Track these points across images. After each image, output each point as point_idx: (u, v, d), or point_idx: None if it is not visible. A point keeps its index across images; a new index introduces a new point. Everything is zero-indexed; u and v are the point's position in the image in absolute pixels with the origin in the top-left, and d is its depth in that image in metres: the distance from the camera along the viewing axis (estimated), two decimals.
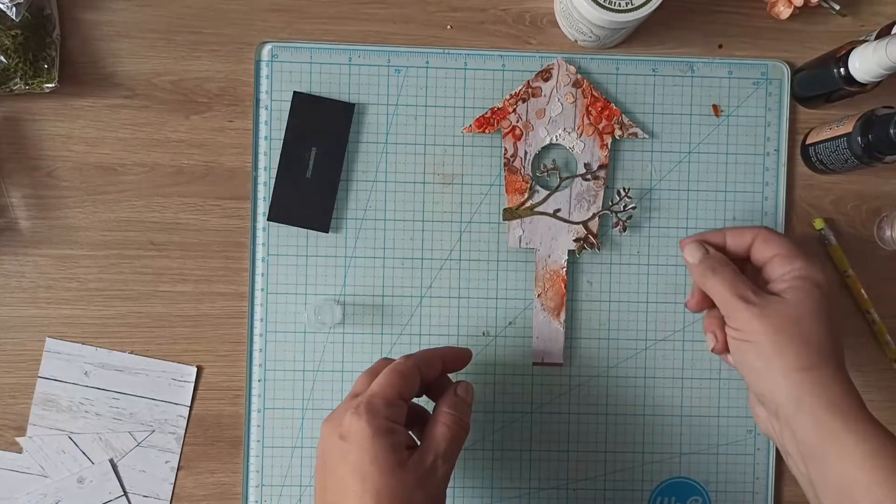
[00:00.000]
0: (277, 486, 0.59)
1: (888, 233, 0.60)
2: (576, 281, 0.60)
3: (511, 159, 0.59)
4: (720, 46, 0.61)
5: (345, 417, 0.44)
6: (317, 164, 0.58)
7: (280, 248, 0.59)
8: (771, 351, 0.45)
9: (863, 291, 0.60)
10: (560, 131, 0.59)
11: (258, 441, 0.59)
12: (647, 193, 0.60)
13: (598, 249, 0.56)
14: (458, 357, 0.52)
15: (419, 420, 0.50)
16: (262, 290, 0.59)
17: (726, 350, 0.50)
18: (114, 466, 0.58)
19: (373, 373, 0.48)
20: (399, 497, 0.43)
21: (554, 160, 0.58)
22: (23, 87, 0.55)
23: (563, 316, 0.59)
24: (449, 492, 0.59)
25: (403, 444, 0.45)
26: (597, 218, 0.59)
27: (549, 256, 0.59)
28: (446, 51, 0.59)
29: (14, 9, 0.52)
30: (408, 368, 0.47)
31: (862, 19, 0.61)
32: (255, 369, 0.59)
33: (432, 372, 0.49)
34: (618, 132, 0.59)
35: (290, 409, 0.59)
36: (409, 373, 0.47)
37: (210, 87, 0.58)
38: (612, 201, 0.58)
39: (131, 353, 0.58)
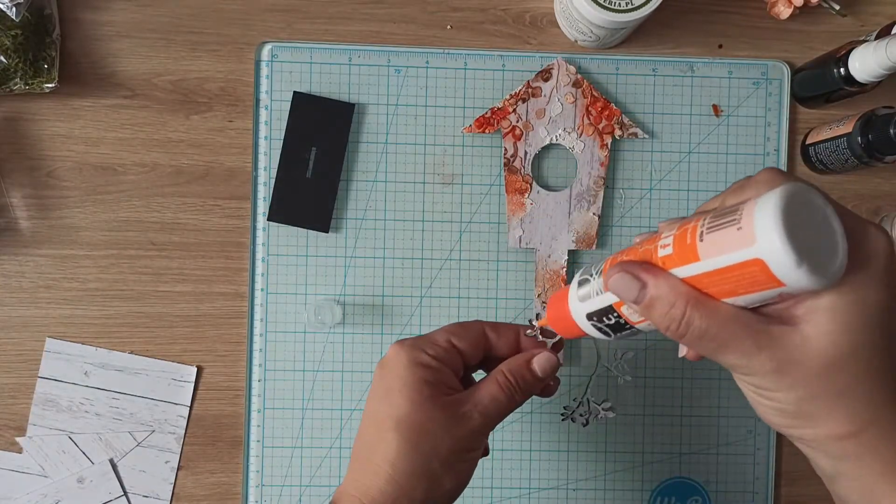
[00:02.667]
0: (277, 486, 0.59)
1: (889, 233, 0.60)
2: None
3: (511, 159, 0.59)
4: (720, 46, 0.61)
5: (389, 350, 0.42)
6: (317, 164, 0.58)
7: (280, 248, 0.59)
8: (797, 417, 0.32)
9: None
10: (560, 131, 0.59)
11: (258, 441, 0.59)
12: (647, 193, 0.60)
13: (586, 424, 0.49)
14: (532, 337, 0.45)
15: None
16: (262, 290, 0.59)
17: (701, 358, 0.37)
18: (114, 466, 0.58)
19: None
20: (420, 431, 0.39)
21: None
22: (23, 87, 0.54)
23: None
24: None
25: (442, 384, 0.41)
26: (596, 217, 0.59)
27: (549, 256, 0.59)
28: (446, 51, 0.59)
29: (14, 9, 0.52)
30: (473, 322, 0.44)
31: (862, 19, 0.61)
32: (255, 369, 0.59)
33: (504, 340, 0.44)
34: (618, 132, 0.59)
35: (290, 409, 0.59)
36: (470, 325, 0.44)
37: (210, 87, 0.58)
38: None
39: (131, 353, 0.58)
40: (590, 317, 0.36)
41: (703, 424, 0.60)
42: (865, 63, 0.52)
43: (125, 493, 0.58)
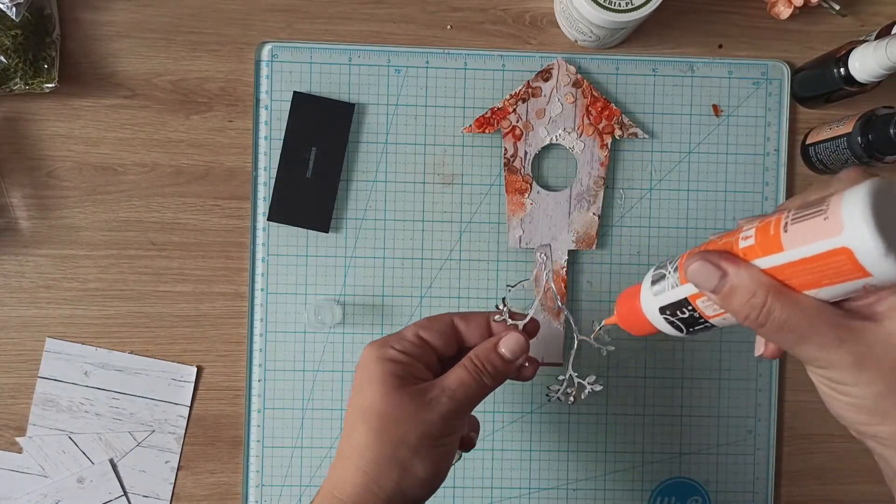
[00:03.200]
0: (277, 486, 0.59)
1: None
2: (576, 281, 0.60)
3: (511, 159, 0.59)
4: (720, 46, 0.61)
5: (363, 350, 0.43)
6: (317, 164, 0.58)
7: (280, 248, 0.59)
8: (874, 414, 0.32)
9: None
10: (560, 131, 0.59)
11: (258, 441, 0.59)
12: (647, 193, 0.60)
13: (573, 402, 0.48)
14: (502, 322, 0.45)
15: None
16: (262, 290, 0.59)
17: (779, 354, 0.38)
18: (114, 466, 0.58)
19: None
20: (387, 419, 0.40)
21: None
22: (23, 87, 0.54)
23: (562, 316, 0.59)
24: (449, 492, 0.59)
25: (411, 375, 0.42)
26: (596, 217, 0.59)
27: (549, 256, 0.59)
28: (446, 51, 0.59)
29: (14, 9, 0.52)
30: (441, 315, 0.45)
31: (862, 19, 0.61)
32: (255, 369, 0.59)
33: (473, 327, 0.45)
34: (618, 132, 0.59)
35: (290, 409, 0.59)
36: (439, 317, 0.44)
37: (210, 87, 0.58)
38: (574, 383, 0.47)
39: (131, 353, 0.58)
40: (663, 310, 0.37)
41: (703, 424, 0.60)
42: (865, 63, 0.52)
43: (125, 493, 0.58)
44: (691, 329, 0.37)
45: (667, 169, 0.60)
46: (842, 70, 0.54)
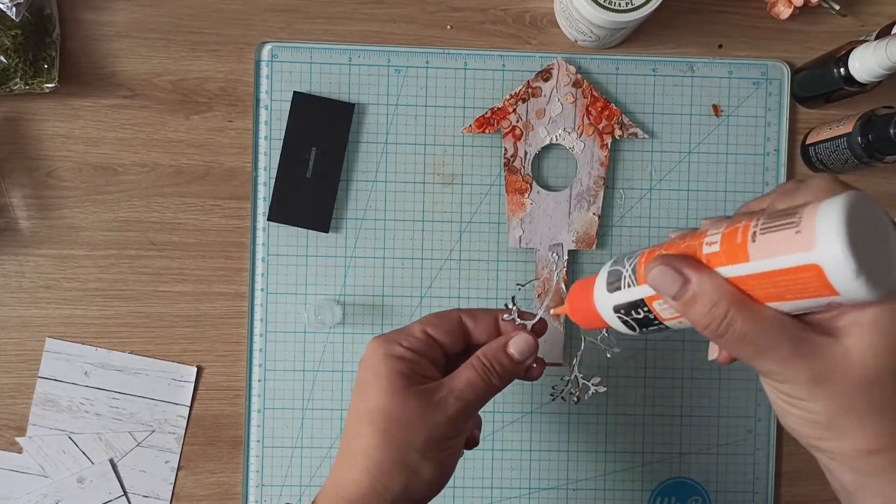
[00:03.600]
0: (277, 486, 0.59)
1: None
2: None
3: (511, 159, 0.59)
4: (720, 46, 0.61)
5: (367, 345, 0.43)
6: (317, 164, 0.58)
7: (280, 248, 0.59)
8: (827, 429, 0.31)
9: None
10: (560, 131, 0.59)
11: (258, 441, 0.59)
12: (647, 193, 0.60)
13: (577, 402, 0.46)
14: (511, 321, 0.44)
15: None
16: (262, 290, 0.59)
17: (732, 361, 0.37)
18: (114, 466, 0.58)
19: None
20: (395, 421, 0.39)
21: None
22: (23, 87, 0.55)
23: (562, 316, 0.59)
24: (449, 492, 0.59)
25: (418, 374, 0.41)
26: (596, 217, 0.59)
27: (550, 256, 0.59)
28: (446, 51, 0.59)
29: (14, 9, 0.52)
30: (449, 311, 0.44)
31: (862, 19, 0.61)
32: (255, 369, 0.59)
33: (481, 325, 0.44)
34: (618, 132, 0.59)
35: (290, 409, 0.59)
36: (446, 314, 0.44)
37: (210, 87, 0.58)
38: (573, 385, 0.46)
39: (131, 353, 0.58)
40: (617, 309, 0.36)
41: (703, 424, 0.60)
42: (865, 63, 0.52)
43: (125, 493, 0.58)
44: (645, 329, 0.36)
45: (667, 169, 0.60)
46: (842, 70, 0.54)
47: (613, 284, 0.36)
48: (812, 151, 0.59)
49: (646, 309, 0.34)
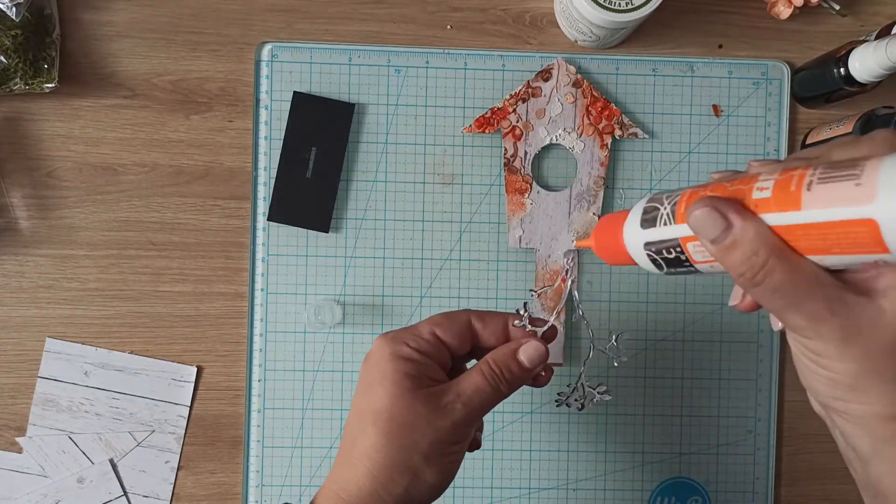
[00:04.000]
0: (277, 486, 0.59)
1: None
2: (576, 281, 0.60)
3: (511, 159, 0.59)
4: (720, 46, 0.61)
5: (374, 343, 0.42)
6: (317, 164, 0.58)
7: (280, 248, 0.59)
8: (851, 391, 0.31)
9: None
10: (560, 131, 0.59)
11: (258, 441, 0.59)
12: (647, 193, 0.60)
13: (581, 409, 0.47)
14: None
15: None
16: (262, 290, 0.59)
17: (755, 308, 0.36)
18: (114, 466, 0.58)
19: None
20: (400, 423, 0.38)
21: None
22: (23, 87, 0.54)
23: (563, 316, 0.59)
24: (449, 491, 0.59)
25: (425, 376, 0.40)
26: (596, 217, 0.59)
27: (549, 256, 0.59)
28: (446, 51, 0.59)
29: (14, 9, 0.52)
30: (458, 312, 0.43)
31: (862, 19, 0.61)
32: (255, 369, 0.59)
33: (490, 329, 0.43)
34: (618, 132, 0.59)
35: (290, 409, 0.59)
36: (456, 315, 0.43)
37: (210, 87, 0.58)
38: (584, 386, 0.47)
39: (131, 353, 0.58)
40: (648, 246, 0.34)
41: (703, 424, 0.60)
42: (865, 63, 0.52)
43: (125, 493, 0.58)
44: (673, 269, 0.34)
45: (667, 169, 0.60)
46: (842, 70, 0.54)
47: (648, 221, 0.34)
48: None
49: (679, 249, 0.33)
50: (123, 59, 0.58)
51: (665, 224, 0.33)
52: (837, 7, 0.60)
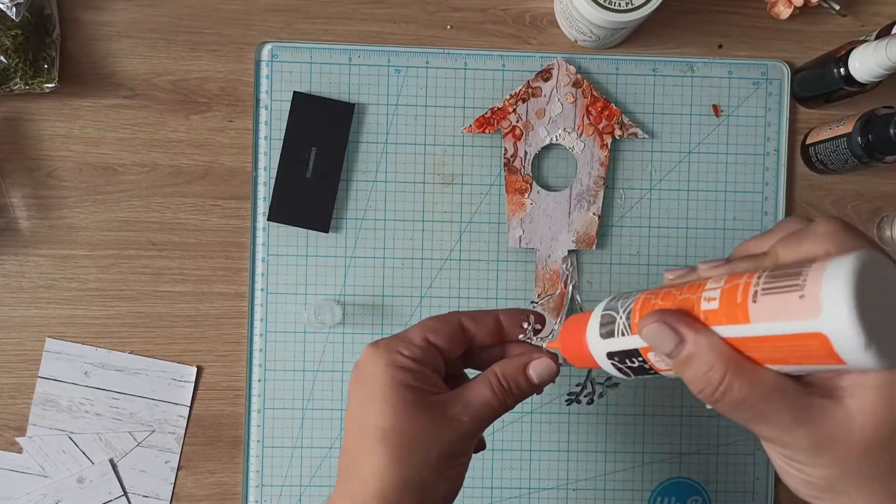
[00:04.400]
0: (277, 486, 0.59)
1: (888, 232, 0.60)
2: (577, 286, 0.60)
3: (511, 159, 0.59)
4: (720, 46, 0.61)
5: (363, 352, 0.40)
6: (317, 164, 0.58)
7: (280, 248, 0.59)
8: (828, 492, 0.30)
9: None
10: (560, 131, 0.59)
11: (258, 441, 0.59)
12: (647, 193, 0.60)
13: (590, 403, 0.45)
14: (513, 318, 0.42)
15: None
16: (262, 290, 0.59)
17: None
18: (114, 466, 0.58)
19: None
20: (408, 441, 0.37)
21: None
22: (23, 87, 0.54)
23: (562, 316, 0.59)
24: None
25: (424, 386, 0.39)
26: (596, 217, 0.59)
27: (549, 256, 0.59)
28: (446, 51, 0.59)
29: (14, 9, 0.52)
30: (448, 315, 0.42)
31: (862, 19, 0.61)
32: (255, 369, 0.59)
33: (483, 328, 0.42)
34: (618, 132, 0.59)
35: (290, 409, 0.59)
36: (446, 318, 0.41)
37: (210, 87, 0.58)
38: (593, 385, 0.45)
39: (131, 353, 0.58)
40: (611, 356, 0.34)
41: (703, 424, 0.60)
42: (865, 63, 0.52)
43: (125, 493, 0.58)
44: (641, 376, 0.34)
45: (667, 169, 0.60)
46: (842, 70, 0.54)
47: (607, 328, 0.34)
48: (812, 151, 0.59)
49: (640, 359, 0.32)
50: (123, 59, 0.58)
51: (623, 334, 0.32)
52: (837, 7, 0.60)
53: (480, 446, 0.45)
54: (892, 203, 0.61)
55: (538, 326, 0.42)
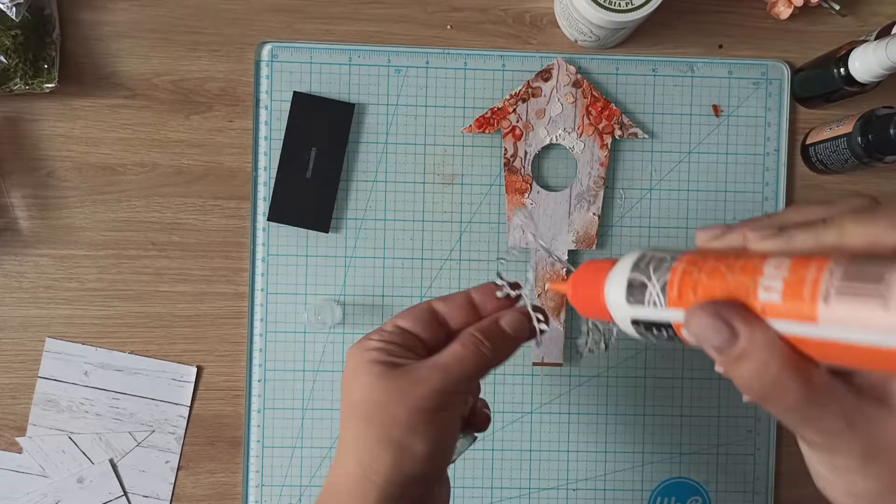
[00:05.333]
0: (277, 486, 0.59)
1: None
2: None
3: (511, 159, 0.59)
4: (720, 46, 0.61)
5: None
6: (317, 164, 0.58)
7: (280, 248, 0.59)
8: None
9: None
10: (560, 131, 0.59)
11: (258, 441, 0.59)
12: (647, 193, 0.60)
13: (607, 348, 0.43)
14: (486, 292, 0.43)
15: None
16: (262, 290, 0.59)
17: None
18: (114, 466, 0.58)
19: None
20: (375, 404, 0.37)
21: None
22: (23, 87, 0.54)
23: (563, 316, 0.59)
24: None
25: (394, 358, 0.39)
26: (596, 217, 0.59)
27: (549, 256, 0.59)
28: (446, 51, 0.59)
29: (14, 9, 0.52)
30: (420, 304, 0.42)
31: (862, 19, 0.61)
32: (255, 369, 0.59)
33: (455, 306, 0.42)
34: (618, 132, 0.59)
35: (290, 409, 0.59)
36: (417, 306, 0.42)
37: (210, 87, 0.58)
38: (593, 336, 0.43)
39: (131, 353, 0.58)
40: (636, 322, 0.31)
41: (703, 424, 0.60)
42: (865, 63, 0.52)
43: (125, 493, 0.58)
44: (663, 342, 0.31)
45: (667, 169, 0.60)
46: (842, 70, 0.54)
47: (636, 295, 0.30)
48: (812, 151, 0.59)
49: (672, 332, 0.29)
50: (123, 59, 0.58)
51: (655, 305, 0.30)
52: (837, 7, 0.60)
53: (485, 421, 0.45)
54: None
55: (516, 291, 0.41)
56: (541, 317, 0.41)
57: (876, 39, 0.52)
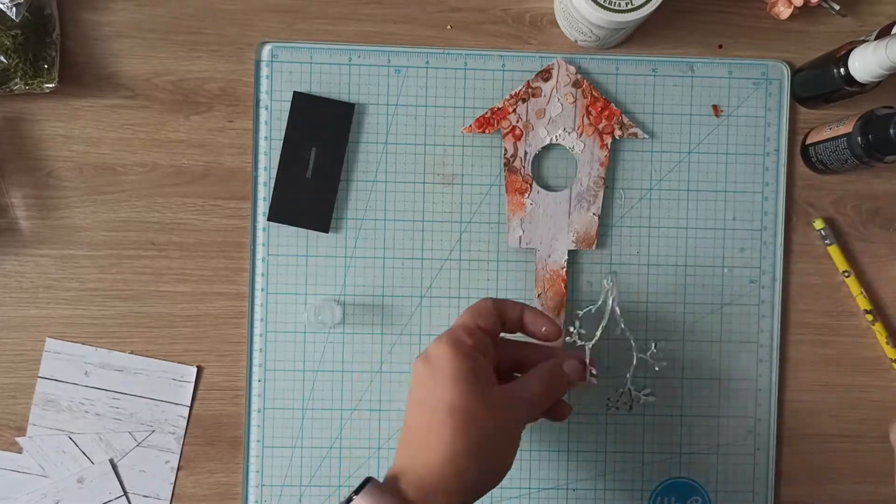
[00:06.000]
0: (277, 486, 0.59)
1: None
2: (576, 281, 0.60)
3: (511, 159, 0.59)
4: (720, 46, 0.61)
5: (430, 347, 0.46)
6: (317, 164, 0.58)
7: (280, 248, 0.59)
8: None
9: (862, 291, 0.60)
10: (560, 131, 0.59)
11: (258, 441, 0.59)
12: (647, 193, 0.60)
13: (630, 409, 0.56)
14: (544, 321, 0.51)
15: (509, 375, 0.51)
16: (262, 290, 0.59)
17: None
18: (114, 466, 0.58)
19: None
20: (473, 417, 0.43)
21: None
22: (23, 87, 0.55)
23: (563, 316, 0.59)
24: None
25: (484, 374, 0.45)
26: (596, 217, 0.59)
27: (549, 256, 0.59)
28: (446, 51, 0.59)
29: (14, 9, 0.52)
30: (484, 302, 0.49)
31: (862, 19, 0.61)
32: (255, 369, 0.59)
33: (511, 313, 0.50)
34: (618, 132, 0.59)
35: (290, 409, 0.59)
36: (484, 305, 0.49)
37: (210, 87, 0.58)
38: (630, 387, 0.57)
39: (131, 353, 0.58)
40: None
41: (703, 424, 0.60)
42: (865, 63, 0.52)
43: (125, 493, 0.58)
44: None
45: (667, 169, 0.60)
46: (842, 70, 0.54)
47: None
48: (812, 151, 0.59)
49: None
50: (123, 59, 0.58)
51: None
52: (837, 7, 0.60)
53: (564, 412, 0.52)
54: (893, 203, 0.61)
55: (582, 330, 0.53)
56: (594, 370, 0.53)
57: (876, 39, 0.52)
